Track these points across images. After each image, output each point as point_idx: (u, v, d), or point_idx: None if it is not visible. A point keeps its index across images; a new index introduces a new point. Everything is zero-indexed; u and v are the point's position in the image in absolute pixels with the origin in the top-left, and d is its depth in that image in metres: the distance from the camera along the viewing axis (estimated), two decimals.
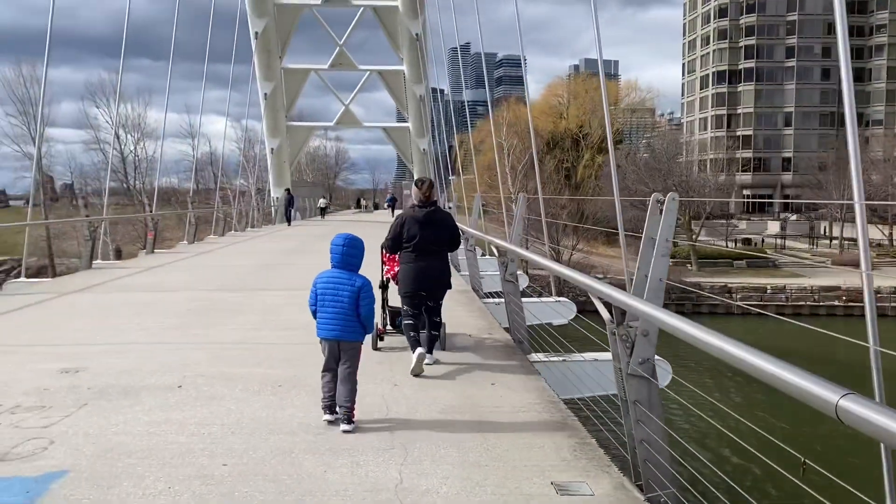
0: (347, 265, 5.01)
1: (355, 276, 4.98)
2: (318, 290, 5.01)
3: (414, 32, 38.81)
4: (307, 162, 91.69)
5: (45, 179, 74.57)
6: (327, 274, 5.05)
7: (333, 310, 4.86)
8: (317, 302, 5.02)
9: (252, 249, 20.53)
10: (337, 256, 5.04)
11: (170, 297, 10.54)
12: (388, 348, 7.19)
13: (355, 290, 4.87)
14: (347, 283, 4.90)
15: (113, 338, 7.52)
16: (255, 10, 37.21)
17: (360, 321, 4.88)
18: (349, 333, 4.85)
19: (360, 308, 4.85)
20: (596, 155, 70.34)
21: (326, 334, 4.89)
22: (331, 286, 4.94)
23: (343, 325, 4.84)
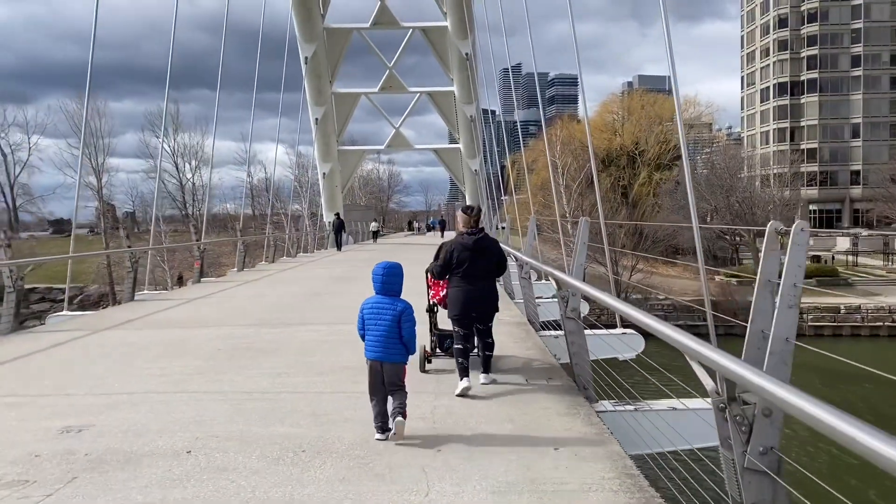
0: (389, 291, 5.30)
1: (397, 300, 5.27)
2: (365, 315, 5.30)
3: (464, 52, 38.24)
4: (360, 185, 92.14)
5: (105, 208, 76.72)
6: (372, 300, 5.33)
7: (378, 333, 5.16)
8: (364, 326, 5.29)
9: (299, 277, 19.96)
10: (378, 284, 5.33)
11: (203, 334, 9.86)
12: (434, 371, 7.26)
13: (397, 313, 5.16)
14: (389, 308, 5.20)
15: (130, 386, 6.81)
16: (304, 36, 37.23)
17: (403, 343, 5.16)
18: (392, 355, 5.13)
19: (402, 331, 5.15)
20: (653, 172, 68.46)
21: (372, 355, 5.16)
22: (375, 311, 5.24)
23: (386, 347, 5.13)
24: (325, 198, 45.36)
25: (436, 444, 4.97)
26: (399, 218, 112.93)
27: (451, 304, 6.89)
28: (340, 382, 6.81)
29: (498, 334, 9.34)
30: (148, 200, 78.84)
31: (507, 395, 6.34)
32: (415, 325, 5.29)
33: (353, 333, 9.65)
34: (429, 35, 40.41)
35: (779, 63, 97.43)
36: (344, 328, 9.95)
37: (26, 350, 8.85)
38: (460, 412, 5.78)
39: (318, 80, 39.29)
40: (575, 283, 6.21)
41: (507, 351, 8.27)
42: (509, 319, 10.77)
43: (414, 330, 5.26)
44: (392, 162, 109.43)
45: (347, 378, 6.98)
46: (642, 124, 74.70)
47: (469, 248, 6.75)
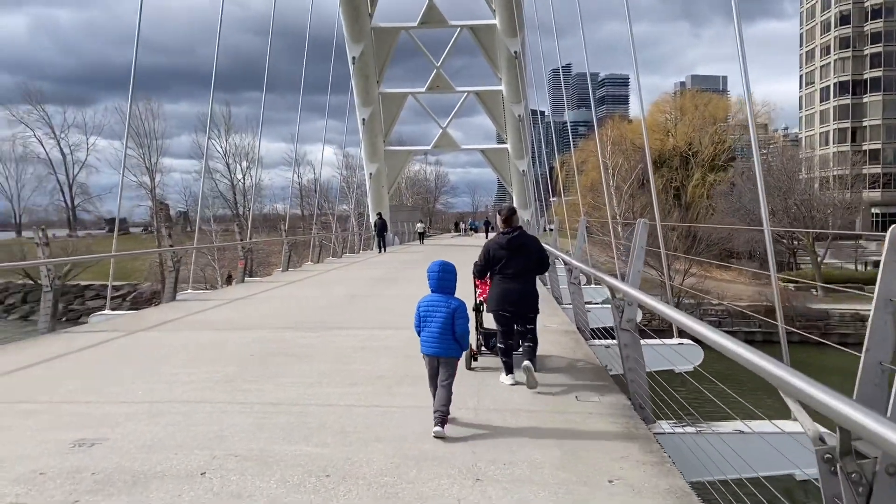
0: (443, 289, 5.50)
1: (451, 298, 5.47)
2: (421, 313, 5.49)
3: (512, 51, 37.55)
4: (406, 186, 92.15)
5: (159, 207, 78.36)
6: (428, 298, 5.52)
7: (433, 329, 5.35)
8: (420, 323, 5.49)
9: (342, 278, 19.65)
10: (433, 282, 5.54)
11: (238, 337, 9.52)
12: (480, 368, 7.34)
13: (450, 311, 5.35)
14: (444, 305, 5.39)
15: (155, 393, 6.45)
16: (352, 35, 37.08)
17: (456, 339, 5.34)
18: (447, 350, 5.34)
19: (455, 327, 5.33)
20: (707, 174, 66.56)
21: (427, 350, 5.39)
22: (430, 308, 5.43)
23: (441, 343, 5.33)
24: (372, 198, 45.21)
25: (474, 471, 4.44)
26: (445, 219, 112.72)
27: (490, 302, 7.10)
28: (375, 394, 6.33)
29: (545, 343, 8.78)
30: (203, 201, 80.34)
31: (554, 413, 5.76)
32: (468, 321, 5.49)
33: (392, 339, 9.22)
34: (477, 33, 39.85)
35: (840, 61, 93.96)
36: (382, 333, 9.50)
37: (57, 351, 8.63)
38: (503, 431, 5.23)
39: (365, 81, 39.12)
40: (632, 292, 5.60)
41: (555, 363, 7.69)
42: (556, 327, 10.16)
43: (467, 327, 5.45)
44: (439, 163, 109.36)
45: (383, 389, 6.50)
46: (696, 125, 72.73)
47: (504, 247, 6.94)
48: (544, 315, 11.20)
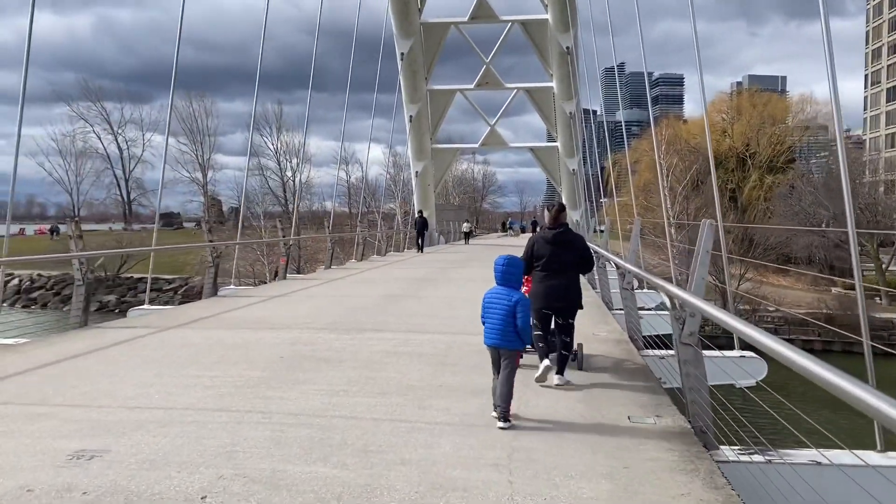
0: (507, 282, 5.59)
1: (514, 292, 5.54)
2: (485, 304, 5.61)
3: (564, 46, 36.67)
4: (453, 185, 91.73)
5: (211, 203, 79.68)
6: (492, 290, 5.63)
7: (495, 321, 5.48)
8: (484, 314, 5.61)
9: (383, 277, 19.21)
10: (498, 275, 5.62)
11: (270, 337, 9.10)
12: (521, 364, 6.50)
13: (512, 304, 5.44)
14: (506, 298, 5.48)
15: (171, 398, 6.03)
16: (401, 31, 36.73)
17: (517, 332, 5.41)
18: (508, 342, 5.43)
19: (516, 320, 5.39)
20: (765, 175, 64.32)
21: (489, 342, 5.54)
22: (493, 300, 5.55)
23: (502, 335, 5.44)
24: (418, 196, 44.83)
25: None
26: (493, 219, 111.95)
27: (531, 297, 6.86)
28: (405, 408, 5.78)
29: (595, 352, 8.13)
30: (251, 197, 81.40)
31: (604, 435, 5.12)
32: (529, 315, 5.54)
33: (427, 344, 8.66)
34: (528, 29, 39.06)
35: None
36: (418, 338, 8.96)
37: (83, 348, 8.32)
38: (544, 458, 4.62)
39: (413, 77, 38.72)
40: (696, 303, 4.91)
41: (606, 376, 7.02)
42: (607, 335, 9.47)
43: (528, 320, 5.50)
44: (487, 162, 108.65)
45: (414, 402, 5.95)
46: (753, 125, 70.38)
47: (549, 242, 6.99)
48: (593, 322, 10.53)
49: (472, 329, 9.72)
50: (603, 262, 14.37)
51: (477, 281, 17.53)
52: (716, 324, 4.87)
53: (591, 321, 10.59)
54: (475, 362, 7.52)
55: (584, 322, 9.82)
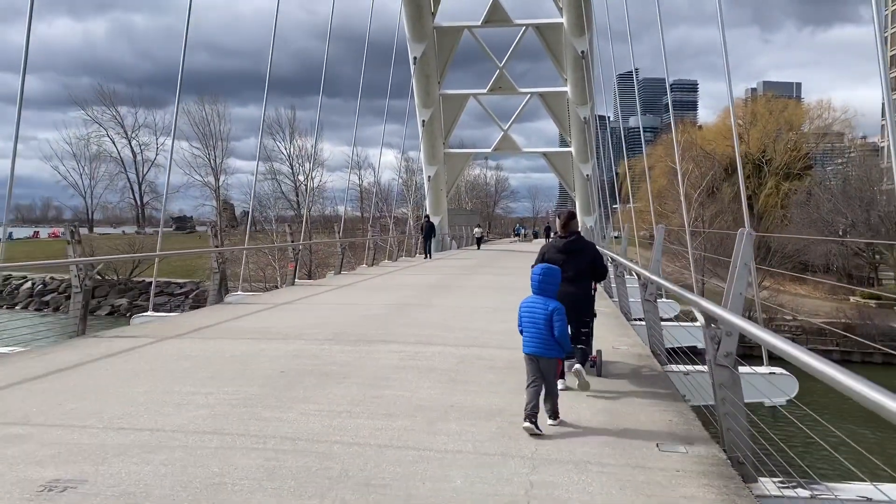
0: (544, 291, 5.61)
1: (550, 301, 5.56)
2: (522, 314, 5.64)
3: (579, 50, 36.14)
4: (466, 189, 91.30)
5: (221, 207, 79.55)
6: (528, 300, 5.65)
7: (533, 330, 5.50)
8: (522, 323, 5.62)
9: (393, 283, 18.76)
10: (535, 284, 5.66)
11: (271, 349, 8.66)
12: None
13: (549, 313, 5.47)
14: (542, 308, 5.51)
15: (160, 418, 5.59)
16: (414, 35, 36.34)
17: (556, 340, 5.44)
18: (546, 350, 5.45)
19: (553, 329, 5.42)
20: (781, 182, 63.41)
21: (528, 350, 5.52)
22: (530, 310, 5.57)
23: (540, 343, 5.45)
24: (430, 201, 44.39)
25: None
26: (505, 224, 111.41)
27: None
28: (413, 432, 5.30)
29: (616, 369, 7.63)
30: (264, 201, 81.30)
31: (631, 468, 4.62)
32: (566, 324, 5.57)
33: (438, 358, 8.18)
34: (543, 32, 38.56)
35: None
36: (428, 350, 8.48)
37: (75, 360, 7.92)
38: (566, 496, 4.12)
39: (426, 81, 38.31)
40: (735, 321, 4.41)
41: (630, 399, 6.50)
42: (627, 349, 8.96)
43: (565, 328, 5.55)
44: (499, 167, 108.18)
45: (423, 425, 5.47)
46: (769, 131, 69.49)
47: (561, 250, 7.05)
48: (613, 335, 10.03)
49: (485, 341, 9.25)
50: (621, 271, 13.71)
51: (489, 289, 17.04)
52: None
53: (611, 333, 10.10)
54: (489, 380, 7.04)
55: (602, 334, 9.33)
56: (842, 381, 2.86)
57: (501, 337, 9.62)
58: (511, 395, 6.38)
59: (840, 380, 2.89)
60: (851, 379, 2.81)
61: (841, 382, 2.87)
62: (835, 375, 2.94)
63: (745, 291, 4.98)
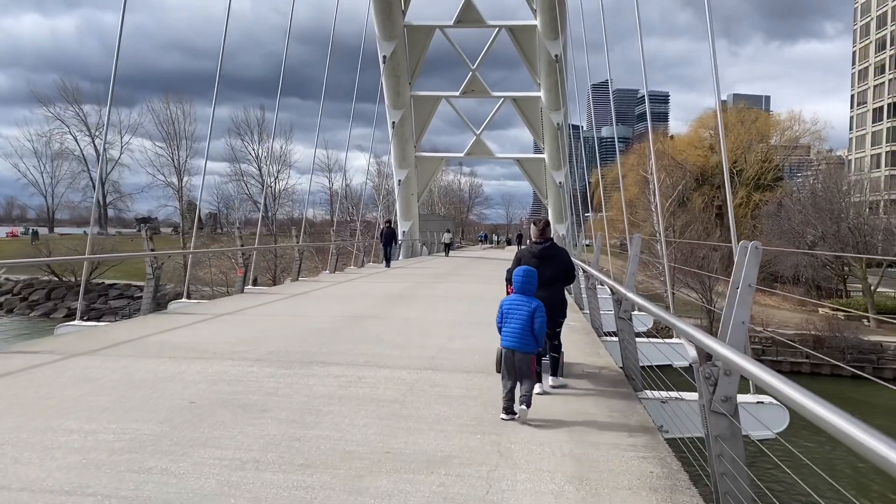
0: (526, 291, 6.07)
1: (532, 299, 6.03)
2: (504, 311, 6.01)
3: (553, 54, 35.31)
4: (439, 195, 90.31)
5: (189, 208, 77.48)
6: (511, 297, 6.12)
7: (514, 326, 5.89)
8: (502, 320, 5.99)
9: (353, 292, 17.59)
10: (518, 285, 6.11)
11: (192, 371, 7.48)
12: None
13: (531, 309, 5.93)
14: (525, 305, 5.96)
15: (18, 470, 4.41)
16: (383, 33, 35.22)
17: (534, 335, 5.91)
18: (525, 345, 5.85)
19: (534, 324, 5.90)
20: (752, 193, 63.38)
21: (507, 344, 5.87)
22: (513, 307, 5.97)
23: (520, 338, 5.85)
24: (401, 205, 43.27)
25: None
26: (479, 230, 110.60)
27: None
28: (331, 493, 4.17)
29: (584, 400, 6.60)
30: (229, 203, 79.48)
31: None
32: (545, 321, 6.01)
33: (383, 385, 7.00)
34: (516, 35, 37.68)
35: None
36: (373, 375, 7.38)
37: None
38: None
39: (396, 81, 37.20)
40: (739, 361, 3.37)
41: (603, 436, 5.41)
42: (598, 372, 7.93)
43: (544, 325, 6.01)
44: (474, 174, 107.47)
45: (346, 482, 4.34)
46: (741, 142, 69.57)
47: (536, 256, 7.30)
48: (584, 353, 9.04)
49: (442, 362, 8.17)
50: (593, 283, 12.94)
51: (454, 299, 15.98)
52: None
53: (581, 352, 9.11)
54: (438, 414, 5.95)
55: (572, 352, 8.37)
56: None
57: (460, 356, 8.56)
58: (463, 434, 5.32)
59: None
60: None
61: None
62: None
63: (748, 320, 4.03)
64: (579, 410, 6.24)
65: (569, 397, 6.77)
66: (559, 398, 6.70)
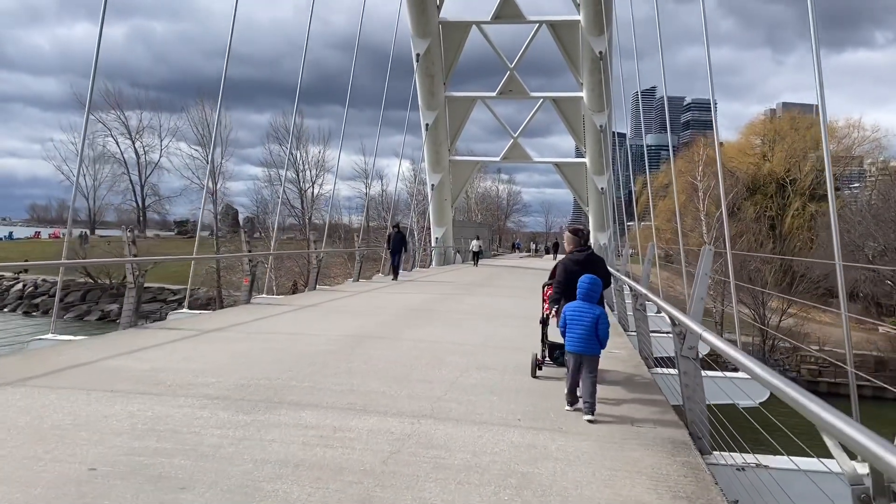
0: (589, 298, 6.50)
1: (595, 306, 6.48)
2: (568, 317, 6.46)
3: (597, 51, 33.23)
4: (476, 202, 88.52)
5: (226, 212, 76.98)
6: (574, 304, 6.52)
7: (580, 331, 6.33)
8: (567, 325, 6.46)
9: (369, 306, 15.88)
10: (582, 292, 6.52)
11: (124, 414, 5.82)
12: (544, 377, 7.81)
13: (595, 316, 6.38)
14: (589, 312, 6.40)
15: None
16: (417, 30, 33.61)
17: (599, 339, 6.36)
18: (591, 349, 6.34)
19: (598, 330, 6.34)
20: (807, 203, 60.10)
21: (574, 349, 6.36)
22: (577, 314, 6.42)
23: (586, 343, 6.33)
24: (434, 211, 41.57)
25: None
26: (517, 238, 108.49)
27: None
28: None
29: None
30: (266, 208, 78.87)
31: None
32: (608, 326, 6.53)
33: (360, 443, 4.61)
34: (557, 31, 35.66)
35: None
36: (355, 426, 5.65)
37: None
38: None
39: (430, 81, 35.54)
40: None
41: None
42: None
43: (608, 330, 6.50)
44: (512, 181, 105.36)
45: None
46: (796, 150, 66.21)
47: (579, 263, 7.48)
48: (609, 342, 7.18)
49: (447, 408, 6.34)
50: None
51: (480, 316, 14.14)
52: None
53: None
54: (427, 501, 4.15)
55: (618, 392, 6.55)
56: None
57: (475, 398, 6.75)
58: None
59: None
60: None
61: None
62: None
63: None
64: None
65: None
66: None
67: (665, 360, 9.25)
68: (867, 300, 55.63)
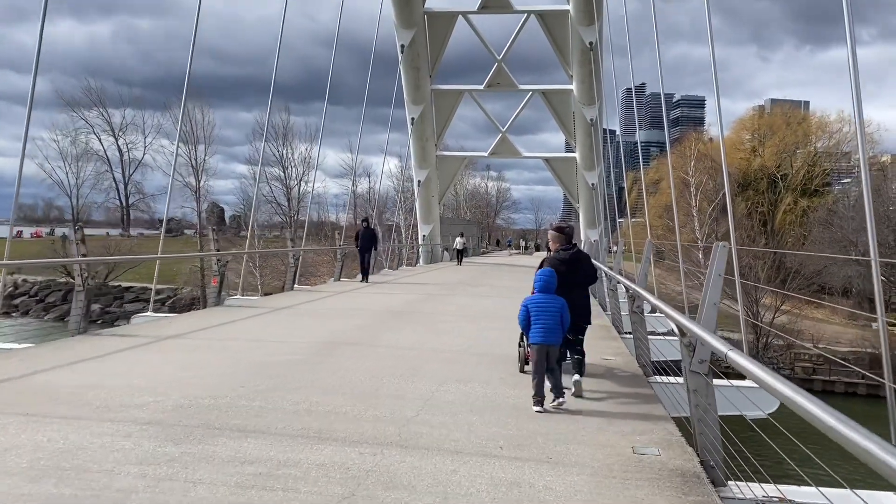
0: (550, 289, 6.58)
1: (556, 297, 6.58)
2: (531, 309, 6.49)
3: (587, 42, 32.34)
4: (465, 199, 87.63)
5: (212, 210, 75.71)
6: (536, 297, 6.60)
7: (545, 322, 6.38)
8: (529, 317, 6.47)
9: (346, 307, 14.94)
10: (540, 283, 6.62)
11: (30, 444, 4.89)
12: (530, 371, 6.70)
13: (559, 306, 6.49)
14: (553, 302, 6.51)
15: None
16: (401, 20, 32.60)
17: (563, 328, 6.48)
18: (556, 339, 6.42)
19: (563, 319, 6.45)
20: (799, 198, 59.53)
21: (541, 340, 6.35)
22: (541, 305, 6.48)
23: (552, 334, 6.39)
24: (421, 208, 40.64)
25: None
26: (506, 235, 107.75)
27: None
28: None
29: None
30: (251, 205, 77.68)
31: None
32: (569, 315, 6.61)
33: (309, 484, 3.89)
34: (546, 21, 34.73)
35: None
36: (305, 459, 4.72)
37: None
38: None
39: (416, 74, 34.54)
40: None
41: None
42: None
43: (569, 319, 6.60)
44: (501, 178, 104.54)
45: None
46: (787, 144, 65.63)
47: (565, 262, 7.41)
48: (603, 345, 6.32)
49: (420, 432, 5.40)
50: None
51: (463, 318, 13.23)
52: None
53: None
54: None
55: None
56: None
57: (451, 419, 5.85)
58: None
59: None
60: None
61: None
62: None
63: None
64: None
65: None
66: None
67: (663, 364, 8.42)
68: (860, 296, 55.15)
